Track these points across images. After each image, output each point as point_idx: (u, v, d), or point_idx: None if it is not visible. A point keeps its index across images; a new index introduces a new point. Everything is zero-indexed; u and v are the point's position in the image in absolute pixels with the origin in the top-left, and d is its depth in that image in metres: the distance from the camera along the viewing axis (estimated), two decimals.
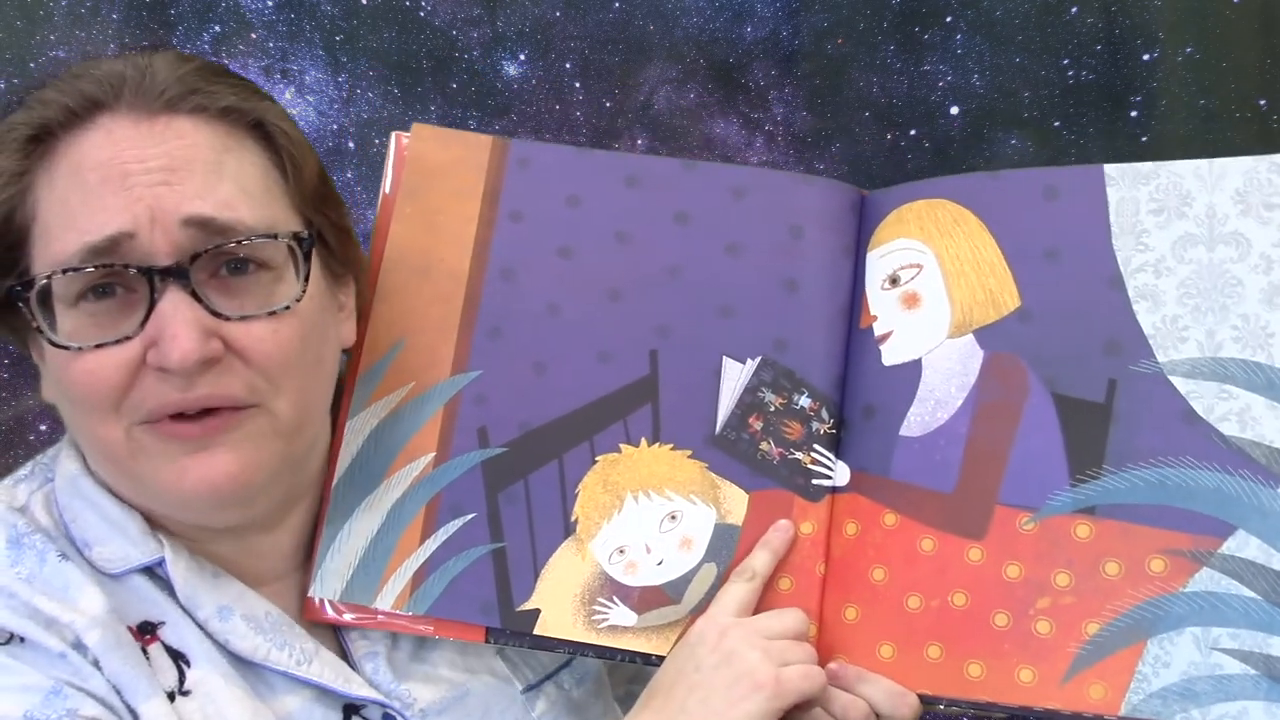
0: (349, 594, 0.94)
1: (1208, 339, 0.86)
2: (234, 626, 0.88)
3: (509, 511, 0.97)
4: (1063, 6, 1.85)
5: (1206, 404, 0.85)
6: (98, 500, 0.89)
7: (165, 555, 0.88)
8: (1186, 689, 0.83)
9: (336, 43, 1.87)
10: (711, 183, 1.01)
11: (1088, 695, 0.86)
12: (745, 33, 1.92)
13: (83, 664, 0.82)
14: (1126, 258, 0.90)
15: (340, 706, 0.91)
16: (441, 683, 0.95)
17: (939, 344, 0.96)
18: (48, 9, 1.82)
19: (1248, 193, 0.86)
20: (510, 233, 1.00)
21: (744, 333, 1.00)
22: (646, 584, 0.97)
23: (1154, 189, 0.90)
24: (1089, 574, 0.88)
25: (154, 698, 0.84)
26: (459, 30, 1.88)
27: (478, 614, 0.95)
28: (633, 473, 0.98)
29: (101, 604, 0.85)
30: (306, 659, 0.90)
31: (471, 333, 0.99)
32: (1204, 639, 0.83)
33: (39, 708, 0.80)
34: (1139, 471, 0.87)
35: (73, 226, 0.82)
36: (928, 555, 0.94)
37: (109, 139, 0.84)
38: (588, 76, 1.90)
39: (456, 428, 0.98)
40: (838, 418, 0.99)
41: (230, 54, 1.85)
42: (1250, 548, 0.83)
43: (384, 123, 1.87)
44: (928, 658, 0.92)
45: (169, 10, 1.83)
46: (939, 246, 0.97)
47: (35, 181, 0.85)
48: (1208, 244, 0.87)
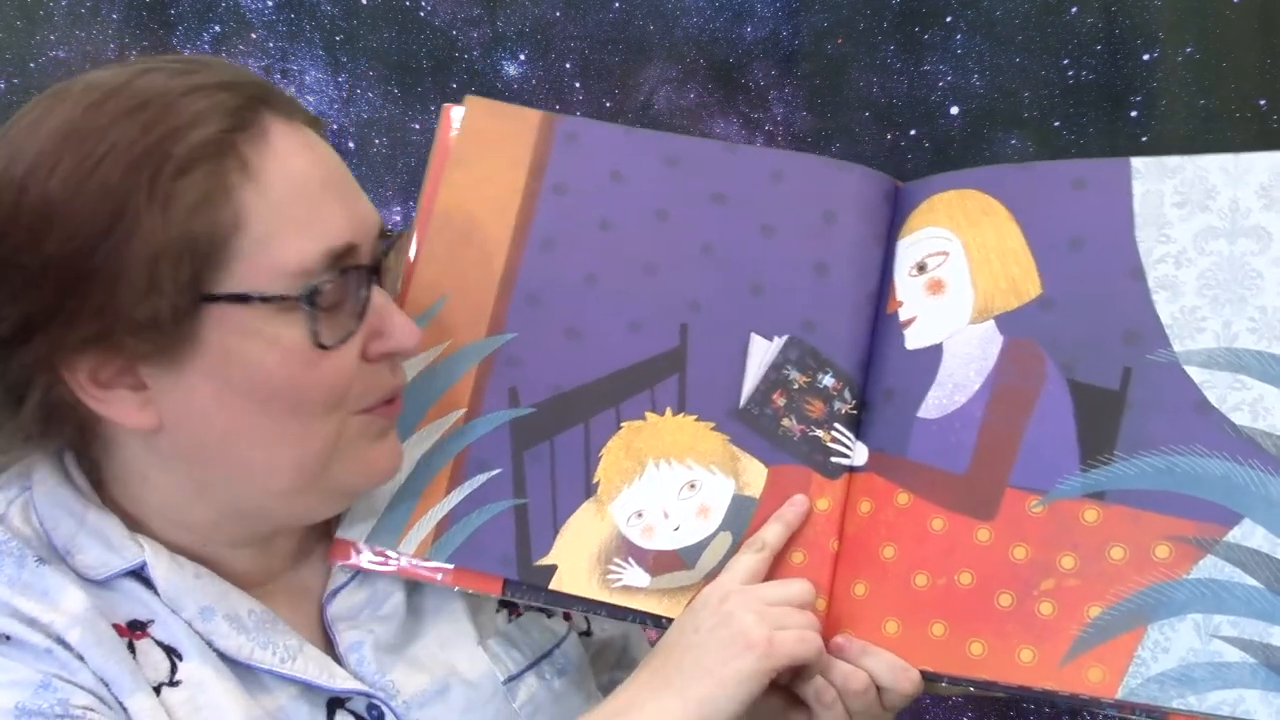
0: (374, 538, 0.97)
1: (1224, 330, 0.87)
2: (216, 627, 0.89)
3: (533, 470, 1.00)
4: (1063, 6, 1.83)
5: (1220, 394, 0.86)
6: (76, 508, 0.89)
7: (146, 559, 0.88)
8: (1184, 675, 0.83)
9: (336, 43, 1.88)
10: (750, 165, 1.04)
11: (1086, 678, 0.87)
12: (745, 33, 1.93)
13: (69, 658, 0.82)
14: (1149, 249, 0.91)
15: (325, 702, 0.92)
16: (423, 674, 0.96)
17: (960, 329, 0.98)
18: (48, 9, 1.82)
19: (1271, 187, 0.87)
20: (554, 204, 1.04)
21: (773, 312, 1.02)
22: (661, 548, 0.99)
23: (1179, 182, 0.91)
24: (1094, 558, 0.88)
25: (139, 692, 0.84)
26: (459, 30, 1.89)
27: (497, 565, 0.98)
28: (656, 440, 1.01)
29: (83, 603, 0.84)
30: (290, 656, 0.91)
31: (510, 297, 1.02)
32: (1205, 626, 0.83)
33: (30, 699, 0.80)
34: (1149, 458, 0.87)
35: (305, 234, 0.83)
36: (938, 535, 0.95)
37: (299, 145, 0.86)
38: (588, 76, 1.92)
39: (489, 386, 1.01)
40: (859, 399, 1.01)
41: (230, 54, 1.86)
42: (1256, 537, 0.83)
43: (384, 123, 1.89)
44: (931, 635, 0.93)
45: (169, 10, 1.84)
46: (966, 235, 0.99)
47: (238, 194, 0.82)
48: (1229, 236, 0.88)
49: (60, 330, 0.81)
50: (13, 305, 0.81)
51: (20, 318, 0.81)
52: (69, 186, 0.79)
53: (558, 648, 1.05)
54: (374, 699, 0.93)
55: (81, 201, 0.79)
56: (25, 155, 0.81)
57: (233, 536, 0.92)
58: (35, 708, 0.79)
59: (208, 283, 0.81)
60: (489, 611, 1.03)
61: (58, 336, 0.81)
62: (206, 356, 0.83)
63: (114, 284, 0.79)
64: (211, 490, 0.89)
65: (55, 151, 0.80)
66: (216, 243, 0.81)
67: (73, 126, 0.80)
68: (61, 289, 0.80)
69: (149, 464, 0.88)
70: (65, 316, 0.80)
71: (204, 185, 0.80)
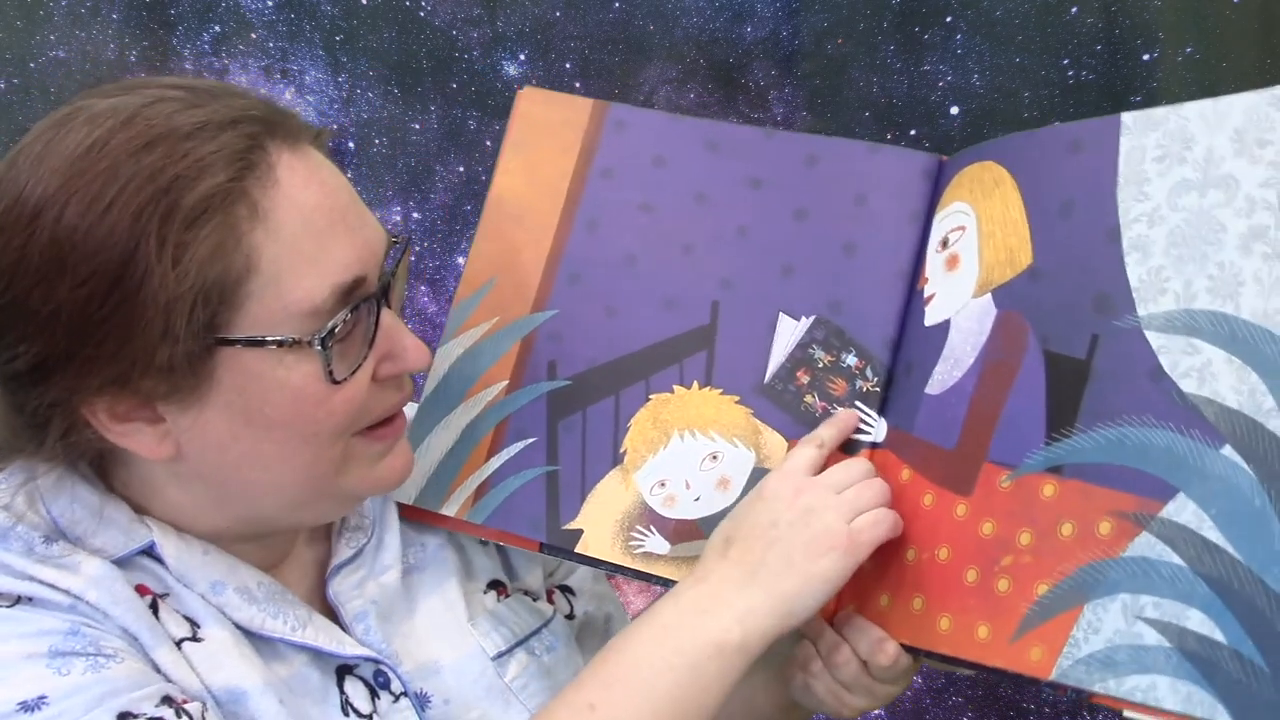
0: (422, 499, 1.07)
1: (1185, 290, 0.79)
2: (228, 599, 0.90)
3: (566, 439, 1.06)
4: (1063, 6, 1.75)
5: (1173, 359, 0.79)
6: (83, 495, 0.89)
7: (154, 538, 0.89)
8: (1108, 658, 0.77)
9: (336, 43, 1.90)
10: (786, 151, 1.06)
11: (1028, 656, 0.82)
12: (745, 33, 1.88)
13: (93, 612, 0.84)
14: (1127, 208, 0.84)
15: (334, 669, 0.94)
16: (418, 649, 0.99)
17: (965, 304, 0.95)
18: (48, 9, 1.86)
19: (1245, 131, 0.79)
20: (600, 188, 1.10)
21: (802, 292, 1.03)
22: (682, 517, 1.03)
23: (1161, 135, 0.84)
24: (1048, 534, 0.83)
25: (160, 647, 0.85)
26: (459, 30, 1.89)
27: (527, 528, 1.05)
28: (681, 412, 1.05)
29: (100, 569, 0.85)
30: (301, 624, 0.92)
31: (554, 276, 1.09)
32: (1131, 607, 0.77)
33: (61, 643, 0.80)
34: (1106, 431, 0.81)
35: (314, 272, 0.84)
36: (927, 510, 0.93)
37: (305, 176, 0.86)
38: (588, 76, 1.90)
39: (530, 360, 1.08)
40: (884, 377, 1.00)
41: (230, 54, 1.88)
42: (1186, 512, 0.75)
43: (384, 123, 1.90)
44: (912, 609, 0.92)
45: (169, 10, 1.87)
46: (980, 208, 0.96)
47: (249, 239, 0.82)
48: (1200, 189, 0.80)
49: (76, 375, 0.82)
50: (27, 346, 0.82)
51: (35, 358, 0.82)
52: (78, 231, 0.79)
53: (545, 627, 1.07)
54: (381, 664, 0.95)
55: (91, 247, 0.79)
56: (33, 195, 0.81)
57: (240, 536, 0.94)
58: (69, 648, 0.80)
59: (221, 327, 0.82)
60: (478, 592, 1.06)
61: (74, 380, 0.82)
62: (222, 394, 0.84)
63: (128, 331, 0.80)
64: (224, 504, 0.91)
65: (63, 190, 0.80)
66: (229, 288, 0.81)
67: (78, 168, 0.80)
68: (74, 334, 0.81)
69: (165, 481, 0.90)
70: (80, 361, 0.81)
71: (215, 237, 0.80)
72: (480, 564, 1.08)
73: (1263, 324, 0.74)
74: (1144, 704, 0.75)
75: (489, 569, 1.08)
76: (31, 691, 0.78)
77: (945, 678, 2.00)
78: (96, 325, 0.80)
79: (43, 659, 0.79)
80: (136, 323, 0.80)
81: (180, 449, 0.87)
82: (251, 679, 0.88)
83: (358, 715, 0.92)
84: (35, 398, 0.84)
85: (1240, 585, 0.71)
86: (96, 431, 0.86)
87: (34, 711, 0.77)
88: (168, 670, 0.85)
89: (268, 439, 0.87)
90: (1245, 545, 0.72)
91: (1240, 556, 0.72)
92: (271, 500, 0.91)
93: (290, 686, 0.90)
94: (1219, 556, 0.73)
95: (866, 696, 0.97)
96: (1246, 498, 0.72)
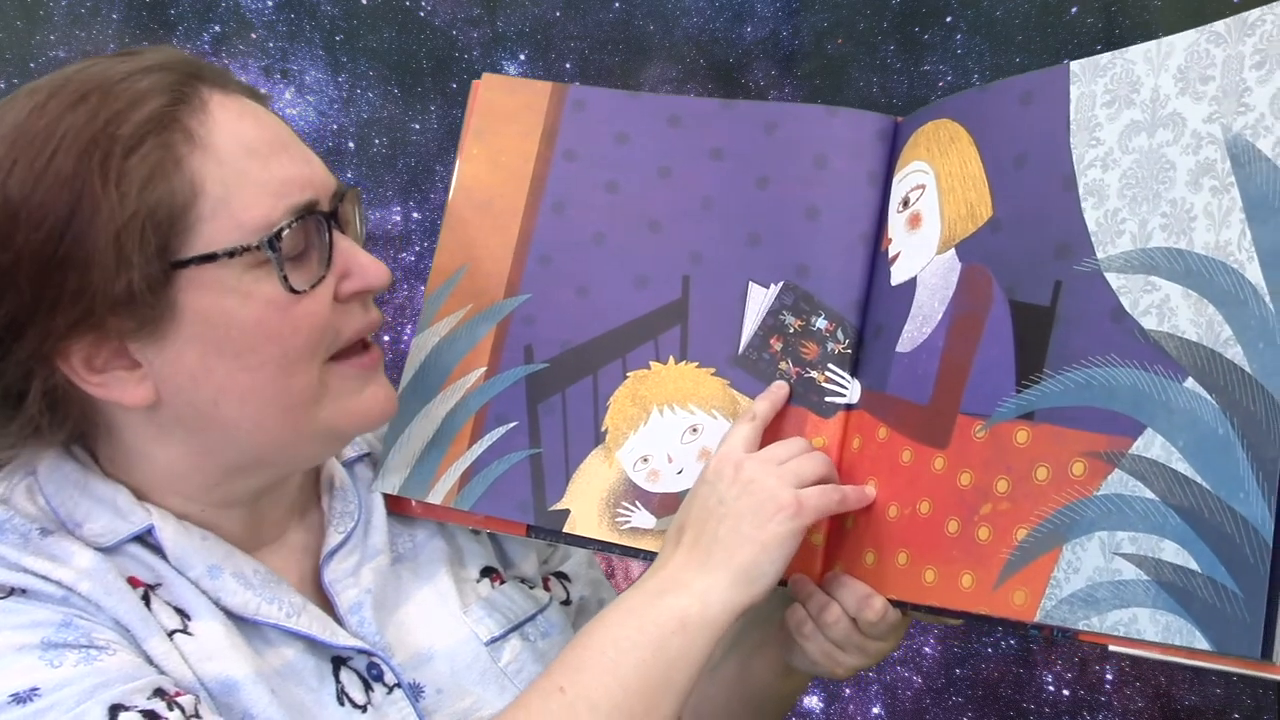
0: (406, 489, 1.08)
1: (1140, 230, 0.81)
2: (224, 584, 0.91)
3: (547, 421, 1.07)
4: (1063, 6, 1.75)
5: (1133, 299, 0.80)
6: (82, 480, 0.91)
7: (153, 522, 0.91)
8: (1090, 595, 0.78)
9: (336, 43, 1.89)
10: (746, 119, 1.07)
11: (1012, 601, 0.84)
12: (745, 33, 1.89)
13: (85, 604, 0.85)
14: (1080, 155, 0.86)
15: (329, 658, 0.94)
16: (411, 638, 1.00)
17: (930, 260, 0.96)
18: (48, 9, 1.86)
19: (1188, 69, 0.80)
20: (564, 170, 1.11)
21: (769, 260, 1.04)
22: (666, 491, 1.04)
23: (1109, 80, 0.85)
24: (1023, 480, 0.85)
25: (152, 638, 0.86)
26: (459, 30, 1.89)
27: (515, 511, 1.06)
28: (660, 388, 1.06)
29: (92, 561, 0.87)
30: (295, 612, 0.93)
31: (525, 260, 1.10)
32: (1109, 543, 0.78)
33: (54, 634, 0.81)
34: (1072, 374, 0.83)
35: (265, 193, 0.87)
36: (906, 466, 0.94)
37: (239, 112, 0.89)
38: (588, 76, 1.90)
39: (506, 345, 1.09)
40: (853, 338, 1.01)
41: (230, 54, 1.88)
42: (1155, 447, 0.77)
43: (384, 123, 1.90)
44: (897, 564, 0.93)
45: (169, 10, 1.87)
46: (939, 165, 0.97)
47: (188, 162, 0.85)
48: (1149, 130, 0.82)
49: (45, 321, 0.84)
50: None
51: (5, 317, 0.85)
52: (26, 184, 0.83)
53: (540, 613, 1.08)
54: (374, 657, 0.96)
55: (40, 196, 0.83)
56: None
57: (228, 496, 0.95)
58: (61, 640, 0.81)
59: (175, 250, 0.85)
60: (471, 580, 1.07)
61: (44, 327, 0.84)
62: (187, 322, 0.86)
63: (85, 266, 0.83)
64: (210, 452, 0.92)
65: (8, 155, 0.84)
66: (176, 211, 0.84)
67: (21, 129, 0.84)
68: (36, 280, 0.83)
69: (150, 439, 0.91)
70: (47, 306, 0.84)
71: (153, 159, 0.84)
72: (472, 551, 1.09)
73: (1215, 256, 0.75)
74: (1127, 637, 0.76)
75: (481, 556, 1.09)
76: (24, 683, 0.78)
77: (945, 678, 1.99)
78: (56, 266, 0.83)
79: (35, 651, 0.80)
80: (92, 254, 0.83)
81: (158, 392, 0.88)
82: (243, 670, 0.89)
83: (353, 705, 0.93)
84: (13, 357, 0.86)
85: (1210, 514, 0.73)
86: (78, 388, 0.88)
87: (26, 703, 0.78)
88: (160, 661, 0.86)
89: (240, 367, 0.88)
90: (1212, 474, 0.73)
91: (1208, 485, 0.73)
92: (254, 440, 0.91)
93: (283, 676, 0.91)
94: (1189, 487, 0.74)
95: (859, 654, 0.99)
96: (1211, 428, 0.74)
